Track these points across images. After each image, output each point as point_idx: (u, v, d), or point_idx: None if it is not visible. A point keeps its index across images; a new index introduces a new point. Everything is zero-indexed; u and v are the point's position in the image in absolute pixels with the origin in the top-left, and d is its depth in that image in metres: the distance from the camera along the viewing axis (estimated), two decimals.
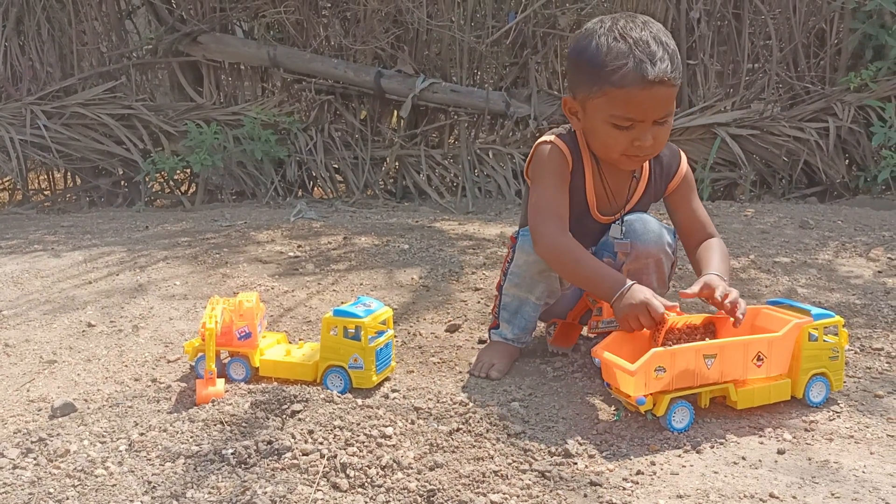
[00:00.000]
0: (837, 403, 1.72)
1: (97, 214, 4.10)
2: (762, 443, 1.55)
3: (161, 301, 2.46)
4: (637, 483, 1.41)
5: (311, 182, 4.67)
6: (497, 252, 2.99)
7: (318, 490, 1.35)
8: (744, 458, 1.49)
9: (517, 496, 1.36)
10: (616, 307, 1.69)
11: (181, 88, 4.83)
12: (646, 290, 1.68)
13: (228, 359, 1.86)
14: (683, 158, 1.96)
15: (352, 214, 3.92)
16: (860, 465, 1.46)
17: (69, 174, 4.82)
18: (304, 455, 1.44)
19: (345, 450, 1.46)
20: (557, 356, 2.02)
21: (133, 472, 1.44)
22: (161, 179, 4.72)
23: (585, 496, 1.36)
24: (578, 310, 2.03)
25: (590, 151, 1.86)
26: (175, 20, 4.73)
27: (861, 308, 2.35)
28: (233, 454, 1.45)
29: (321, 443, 1.47)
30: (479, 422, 1.60)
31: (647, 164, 1.92)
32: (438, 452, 1.49)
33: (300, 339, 2.11)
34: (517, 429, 1.58)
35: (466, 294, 2.53)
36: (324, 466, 1.41)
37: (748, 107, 4.43)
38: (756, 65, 4.59)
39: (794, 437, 1.57)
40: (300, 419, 1.56)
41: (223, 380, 1.77)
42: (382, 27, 4.49)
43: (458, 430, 1.57)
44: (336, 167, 4.63)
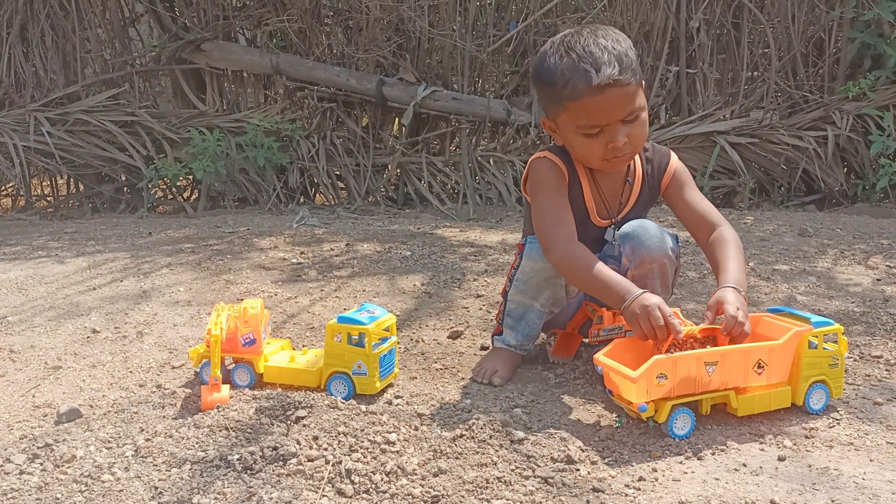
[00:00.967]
0: (837, 411, 1.73)
1: (100, 221, 4.11)
2: (763, 449, 1.56)
3: (165, 307, 2.47)
4: (639, 489, 1.42)
5: (314, 189, 4.69)
6: (499, 259, 3.01)
7: (324, 496, 1.37)
8: (745, 465, 1.50)
9: (520, 502, 1.37)
10: (627, 313, 1.70)
11: (184, 96, 4.85)
12: (656, 298, 1.68)
13: (233, 365, 1.87)
14: (673, 155, 2.01)
15: (353, 221, 3.94)
16: (860, 472, 1.47)
17: (72, 181, 4.84)
18: (310, 461, 1.45)
19: (349, 456, 1.47)
20: (559, 364, 2.03)
21: (139, 478, 1.45)
22: (164, 186, 4.73)
23: (588, 502, 1.38)
24: (578, 319, 2.05)
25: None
26: (178, 28, 4.76)
27: (860, 316, 2.36)
28: (238, 460, 1.46)
29: (326, 449, 1.49)
30: (483, 428, 1.61)
31: (640, 166, 1.96)
32: (442, 458, 1.50)
33: (304, 346, 2.13)
34: (520, 435, 1.59)
35: (468, 301, 2.55)
36: (329, 472, 1.42)
37: (747, 115, 4.45)
38: (755, 73, 4.61)
39: (795, 444, 1.58)
40: (305, 425, 1.58)
41: (228, 386, 1.78)
42: (384, 36, 4.51)
43: (462, 437, 1.58)
44: (338, 174, 4.65)
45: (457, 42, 4.46)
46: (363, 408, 1.68)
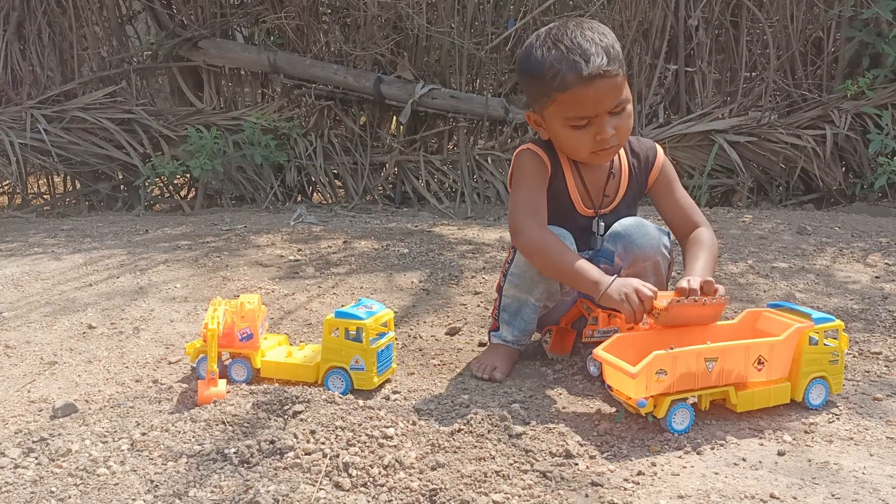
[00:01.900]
0: (837, 406, 1.73)
1: (97, 218, 4.10)
2: (762, 444, 1.56)
3: (161, 303, 2.46)
4: (638, 483, 1.41)
5: (311, 187, 4.68)
6: (496, 256, 3.00)
7: (321, 489, 1.36)
8: (744, 460, 1.49)
9: (519, 496, 1.36)
10: (606, 296, 1.71)
11: (181, 93, 4.84)
12: (635, 280, 1.71)
13: (230, 360, 1.86)
14: (660, 150, 2.02)
15: (351, 219, 3.93)
16: (860, 467, 1.47)
17: (69, 178, 4.83)
18: (307, 454, 1.44)
19: (347, 450, 1.46)
20: (557, 360, 2.03)
21: (135, 471, 1.44)
22: (161, 184, 4.72)
23: (587, 496, 1.37)
24: (571, 315, 2.04)
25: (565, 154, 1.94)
26: (176, 25, 4.75)
27: (859, 313, 2.36)
28: (235, 453, 1.45)
29: (323, 443, 1.48)
30: (481, 423, 1.60)
31: (626, 159, 1.97)
32: (440, 453, 1.49)
33: (301, 341, 2.12)
34: (518, 430, 1.58)
35: (466, 297, 2.54)
36: (326, 466, 1.41)
37: (746, 114, 4.45)
38: (754, 72, 4.61)
39: (794, 439, 1.57)
40: (302, 419, 1.57)
41: (225, 381, 1.77)
42: (382, 33, 4.51)
43: (460, 431, 1.57)
44: (335, 172, 4.64)
45: (455, 40, 4.45)
46: (361, 402, 1.67)
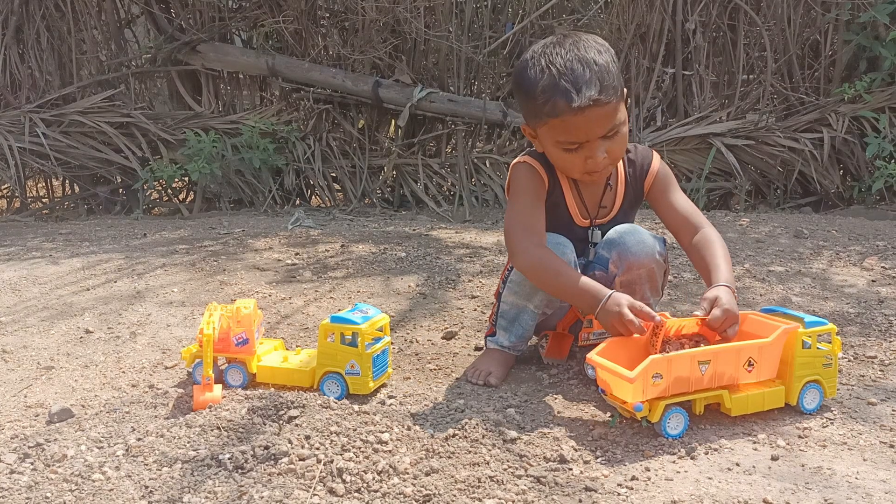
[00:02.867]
0: (831, 410, 1.73)
1: (95, 222, 4.11)
2: (756, 449, 1.56)
3: (159, 308, 2.46)
4: (632, 489, 1.41)
5: (309, 190, 4.68)
6: (494, 260, 3.00)
7: (315, 495, 1.36)
8: (738, 464, 1.49)
9: (512, 501, 1.36)
10: (600, 318, 1.73)
11: (180, 97, 4.85)
12: (622, 300, 1.70)
13: (226, 365, 1.87)
14: (655, 156, 2.00)
15: (349, 223, 3.93)
16: (853, 472, 1.47)
17: (67, 182, 4.84)
18: (301, 460, 1.44)
19: (341, 455, 1.46)
20: (553, 365, 2.03)
21: (130, 477, 1.44)
22: (159, 188, 4.73)
23: (580, 501, 1.37)
24: (568, 320, 2.04)
25: None
26: (174, 29, 4.76)
27: (855, 317, 2.36)
28: (230, 459, 1.45)
29: (318, 448, 1.48)
30: (475, 428, 1.60)
31: (622, 169, 1.97)
32: (434, 458, 1.49)
33: (297, 346, 2.12)
34: (513, 435, 1.59)
35: (463, 302, 2.54)
36: (320, 471, 1.41)
37: (743, 117, 4.46)
38: (751, 76, 4.62)
39: (788, 444, 1.58)
40: (297, 425, 1.57)
41: (220, 386, 1.77)
42: (380, 37, 4.52)
43: (454, 436, 1.58)
44: (334, 176, 4.65)
45: (453, 44, 4.46)
46: (356, 408, 1.67)
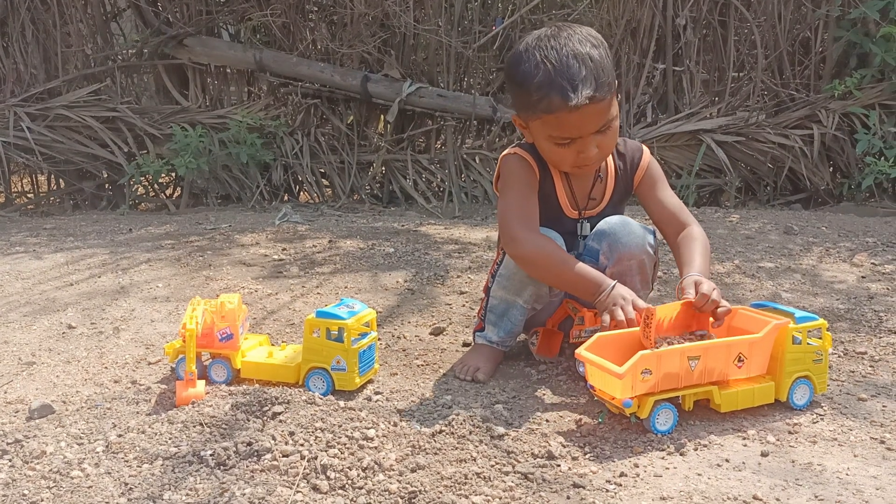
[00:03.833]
0: (821, 406, 1.72)
1: (80, 217, 4.06)
2: (746, 445, 1.54)
3: (143, 303, 2.43)
4: (620, 485, 1.40)
5: (297, 186, 4.65)
6: (483, 256, 2.98)
7: (298, 492, 1.33)
8: (727, 461, 1.48)
9: (499, 498, 1.34)
10: (600, 302, 1.72)
11: (166, 91, 4.80)
12: (628, 294, 1.72)
13: (210, 360, 1.84)
14: (646, 150, 2.00)
15: (337, 219, 3.91)
16: (843, 468, 1.46)
17: (53, 177, 4.78)
18: (285, 456, 1.42)
19: (326, 451, 1.44)
20: (542, 361, 2.01)
21: (110, 474, 1.41)
22: (146, 183, 4.68)
23: (568, 498, 1.35)
24: (558, 316, 2.02)
25: None
26: (161, 23, 4.71)
27: (845, 312, 2.35)
28: (211, 455, 1.43)
29: (302, 444, 1.46)
30: (462, 424, 1.58)
31: (612, 163, 1.96)
32: (420, 454, 1.47)
33: (283, 342, 2.09)
34: (500, 431, 1.56)
35: (451, 297, 2.52)
36: (304, 468, 1.39)
37: (734, 114, 4.45)
38: (741, 72, 4.61)
39: (778, 440, 1.56)
40: (281, 421, 1.55)
41: (203, 381, 1.75)
42: (369, 31, 4.48)
43: (441, 432, 1.55)
44: (322, 171, 4.61)
45: (442, 38, 4.43)
46: (341, 404, 1.65)
